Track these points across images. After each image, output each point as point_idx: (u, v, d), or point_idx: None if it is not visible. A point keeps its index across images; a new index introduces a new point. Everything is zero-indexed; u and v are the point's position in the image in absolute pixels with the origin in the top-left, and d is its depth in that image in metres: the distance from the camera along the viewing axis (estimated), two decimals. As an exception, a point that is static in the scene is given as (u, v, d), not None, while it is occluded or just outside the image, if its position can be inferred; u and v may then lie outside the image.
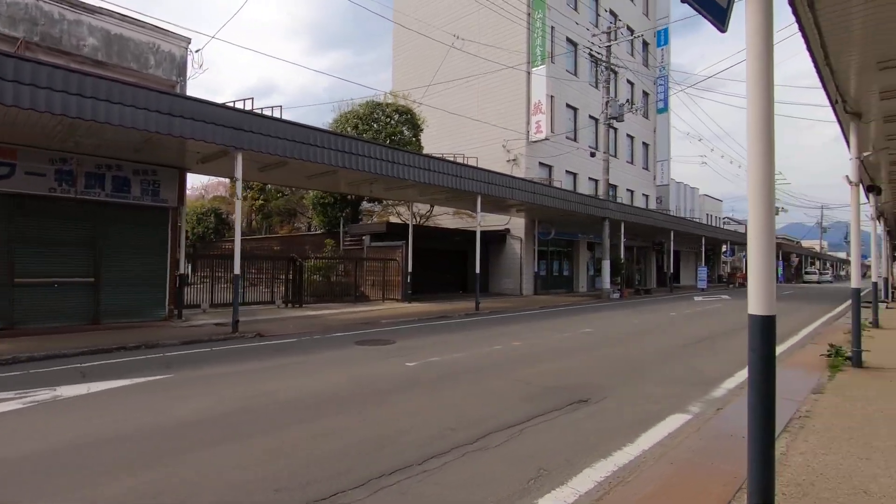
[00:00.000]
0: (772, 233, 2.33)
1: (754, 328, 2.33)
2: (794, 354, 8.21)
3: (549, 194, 18.90)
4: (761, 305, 2.30)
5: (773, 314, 2.36)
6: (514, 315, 14.37)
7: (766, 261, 2.27)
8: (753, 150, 2.40)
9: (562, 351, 8.13)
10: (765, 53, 2.41)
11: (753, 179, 2.38)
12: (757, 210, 2.35)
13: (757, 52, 2.40)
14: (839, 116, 7.21)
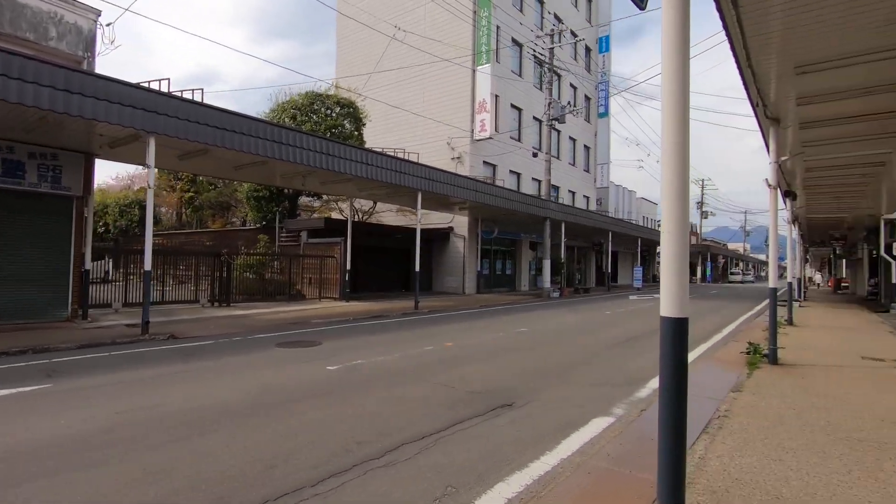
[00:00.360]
0: (685, 235, 2.13)
1: (666, 331, 2.12)
2: (717, 352, 8.43)
3: (492, 193, 18.86)
4: (674, 307, 2.08)
5: (686, 316, 2.15)
6: (453, 314, 14.14)
7: (679, 263, 2.06)
8: (668, 153, 2.19)
9: (493, 352, 7.93)
10: (681, 46, 2.20)
11: (668, 182, 2.17)
12: (671, 213, 2.15)
13: (672, 46, 2.18)
14: (760, 121, 7.44)
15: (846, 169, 10.66)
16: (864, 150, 9.05)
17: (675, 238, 2.07)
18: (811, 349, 8.60)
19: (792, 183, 12.35)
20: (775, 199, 7.18)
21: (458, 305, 16.92)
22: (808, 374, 6.56)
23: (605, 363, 7.17)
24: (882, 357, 7.95)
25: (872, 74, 5.73)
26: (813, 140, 8.41)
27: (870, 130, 7.79)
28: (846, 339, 10.09)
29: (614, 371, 6.63)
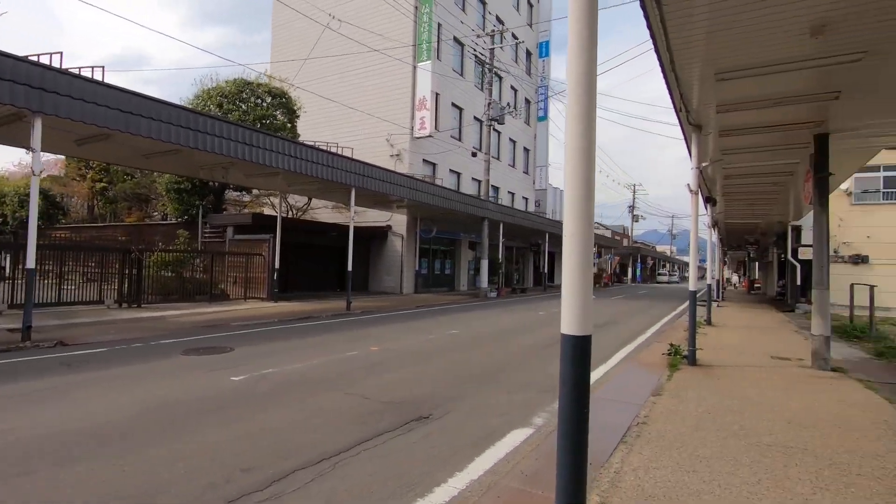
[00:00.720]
0: (589, 240, 1.87)
1: (567, 352, 1.85)
2: (641, 353, 8.57)
3: (431, 192, 18.57)
4: (576, 323, 1.82)
5: (589, 334, 1.89)
6: (386, 315, 13.71)
7: (582, 271, 1.80)
8: (572, 157, 1.92)
9: (421, 356, 7.61)
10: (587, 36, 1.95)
11: (571, 187, 1.91)
12: (574, 216, 1.88)
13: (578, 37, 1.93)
14: (683, 127, 7.59)
15: (761, 177, 11.27)
16: (776, 160, 9.55)
17: (579, 241, 1.81)
18: (727, 349, 8.94)
19: (713, 189, 12.95)
20: (696, 204, 7.35)
21: (394, 306, 16.49)
22: (724, 374, 6.74)
23: (533, 366, 7.04)
24: (788, 356, 8.38)
25: (785, 86, 5.92)
26: (732, 148, 8.74)
27: (781, 141, 8.17)
28: (758, 338, 10.65)
29: (542, 375, 6.50)
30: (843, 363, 7.89)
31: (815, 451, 3.88)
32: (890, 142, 8.20)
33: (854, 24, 4.50)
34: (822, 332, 7.40)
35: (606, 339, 10.16)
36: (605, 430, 4.38)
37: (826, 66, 5.21)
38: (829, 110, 6.74)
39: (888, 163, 19.03)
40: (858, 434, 4.31)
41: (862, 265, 18.95)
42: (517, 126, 34.68)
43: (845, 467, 3.58)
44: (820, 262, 7.58)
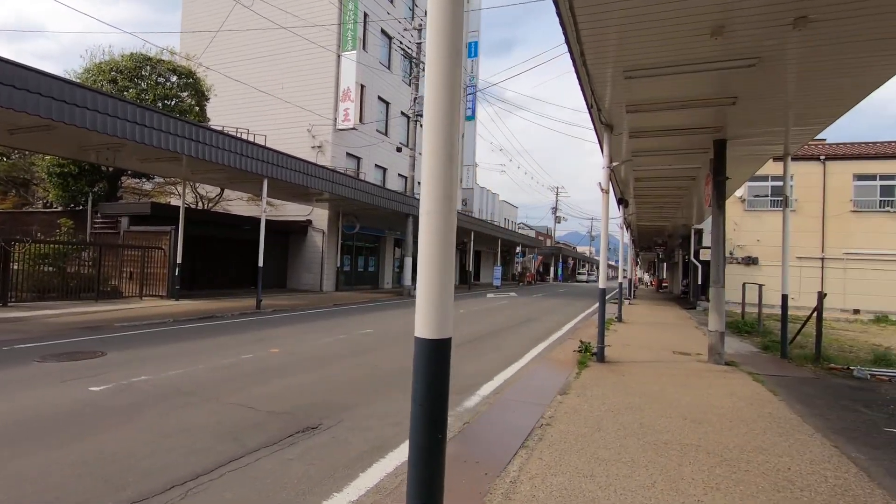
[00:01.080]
0: (451, 221, 1.53)
1: (420, 358, 1.51)
2: (554, 350, 8.59)
3: (353, 186, 17.86)
4: (432, 326, 1.48)
5: (449, 336, 1.56)
6: (299, 314, 12.92)
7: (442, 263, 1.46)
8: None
9: (325, 358, 7.07)
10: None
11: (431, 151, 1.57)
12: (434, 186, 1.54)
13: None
14: (596, 127, 7.66)
15: (668, 181, 11.82)
16: (681, 165, 10.00)
17: (437, 220, 1.46)
18: (634, 345, 9.22)
19: (626, 192, 13.47)
20: (607, 203, 7.45)
21: (310, 304, 15.66)
22: (629, 371, 6.84)
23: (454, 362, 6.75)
24: (688, 351, 8.77)
25: (689, 89, 6.07)
26: (641, 150, 9.01)
27: (686, 145, 8.52)
28: (662, 334, 11.15)
29: (452, 374, 6.22)
30: (735, 357, 8.36)
31: (708, 448, 3.88)
32: (776, 151, 8.81)
33: (747, 29, 4.61)
34: (718, 329, 7.78)
35: (522, 337, 10.15)
36: (508, 434, 4.16)
37: (725, 70, 5.36)
38: (727, 116, 7.05)
39: (775, 174, 20.96)
40: (746, 428, 4.42)
41: (753, 266, 20.75)
42: (445, 124, 34.60)
43: (735, 463, 3.59)
44: (717, 261, 7.96)
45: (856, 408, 5.41)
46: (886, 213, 19.63)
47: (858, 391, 6.26)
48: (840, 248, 20.04)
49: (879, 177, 19.91)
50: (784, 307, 8.76)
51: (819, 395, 5.88)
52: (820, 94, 6.10)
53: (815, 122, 7.24)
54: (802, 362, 8.12)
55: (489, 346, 8.65)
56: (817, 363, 8.03)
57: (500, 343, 9.15)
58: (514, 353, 8.04)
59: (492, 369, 6.68)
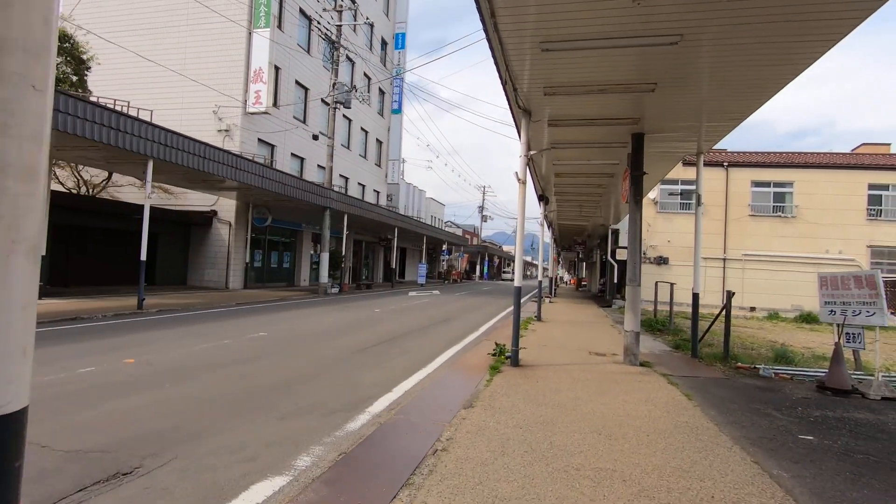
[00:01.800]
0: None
1: None
2: (467, 353, 7.96)
3: (259, 173, 16.29)
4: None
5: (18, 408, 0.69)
6: (187, 315, 11.37)
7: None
8: None
9: (188, 370, 5.89)
10: None
11: None
12: None
13: None
14: (513, 111, 7.09)
15: (587, 177, 11.65)
16: (600, 160, 9.77)
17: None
18: (551, 346, 8.83)
19: (546, 188, 13.22)
20: (524, 194, 6.91)
21: (208, 303, 13.99)
22: (544, 376, 6.32)
23: (335, 377, 5.84)
24: (604, 352, 8.50)
25: (609, 71, 5.63)
26: (562, 141, 8.61)
27: (605, 137, 8.22)
28: (580, 333, 10.94)
29: (340, 388, 5.33)
30: (649, 356, 8.19)
31: (624, 473, 3.32)
32: (690, 149, 8.78)
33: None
34: (633, 329, 7.51)
35: (436, 339, 9.45)
36: (393, 465, 3.37)
37: (646, 47, 4.92)
38: (645, 108, 6.75)
39: (685, 177, 22.00)
40: (664, 443, 3.95)
41: (663, 266, 21.63)
42: (370, 116, 33.38)
43: (654, 493, 3.04)
44: (633, 259, 7.70)
45: (767, 411, 5.20)
46: (778, 217, 21.22)
47: (767, 392, 6.16)
48: (739, 249, 21.41)
49: (773, 184, 21.51)
50: (695, 306, 8.74)
51: (731, 398, 5.66)
52: (736, 86, 5.90)
53: (727, 118, 7.15)
54: (712, 361, 8.09)
55: (397, 351, 7.83)
56: (726, 362, 8.03)
57: (410, 346, 8.37)
58: (424, 358, 7.29)
59: (393, 378, 5.87)
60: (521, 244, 6.90)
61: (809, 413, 5.22)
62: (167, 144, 12.33)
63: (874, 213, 20.74)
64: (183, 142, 12.86)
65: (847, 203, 20.83)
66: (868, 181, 20.78)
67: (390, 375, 6.04)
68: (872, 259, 20.52)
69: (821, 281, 7.19)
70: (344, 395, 5.00)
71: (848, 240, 20.67)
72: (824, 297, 7.10)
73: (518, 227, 6.84)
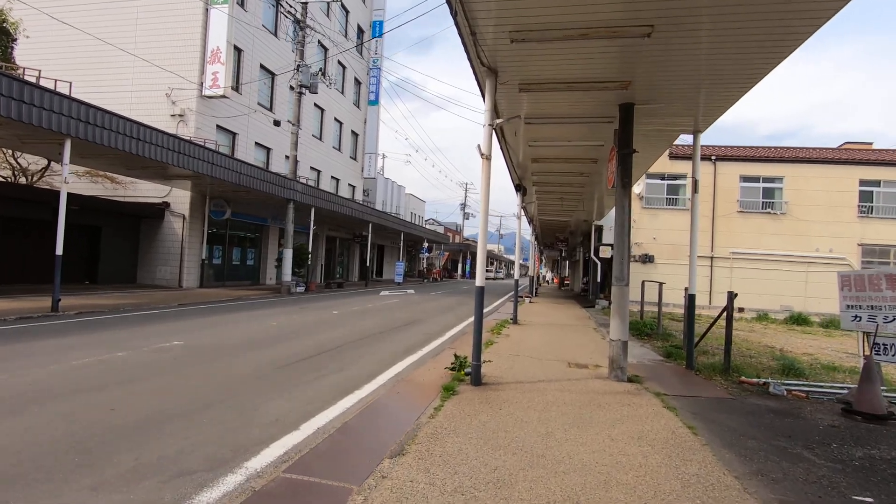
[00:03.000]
0: None
1: None
2: (424, 365, 6.61)
3: (208, 160, 14.71)
4: None
5: None
6: (107, 319, 9.80)
7: None
8: None
9: (15, 401, 4.41)
10: None
11: None
12: None
13: None
14: (476, 70, 5.75)
15: (569, 164, 10.39)
16: (582, 141, 8.51)
17: None
18: (525, 355, 7.54)
19: (523, 177, 11.94)
20: (488, 173, 5.59)
21: (145, 304, 12.40)
22: (510, 399, 5.01)
23: (228, 408, 4.42)
24: (586, 362, 7.25)
25: (593, 5, 4.33)
26: (537, 115, 7.32)
27: (588, 108, 6.94)
28: (559, 338, 9.68)
29: (225, 427, 3.91)
30: (638, 368, 6.96)
31: None
32: (684, 126, 7.56)
33: None
34: (620, 337, 6.25)
35: (391, 347, 8.09)
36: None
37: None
38: (637, 67, 5.49)
39: (671, 172, 20.97)
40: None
41: (649, 264, 20.57)
42: (345, 106, 31.80)
43: None
44: (621, 254, 6.44)
45: (796, 450, 3.97)
46: (767, 214, 20.31)
47: (785, 418, 4.94)
48: (727, 247, 20.45)
49: (762, 179, 20.59)
50: (690, 309, 7.55)
51: (746, 430, 4.42)
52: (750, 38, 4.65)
53: (730, 85, 5.92)
54: (711, 374, 6.88)
55: (335, 365, 6.45)
56: (727, 375, 6.83)
57: (353, 358, 7.00)
58: (364, 375, 5.93)
59: (310, 407, 4.50)
60: (485, 233, 5.58)
61: (850, 453, 4.00)
62: (90, 122, 10.73)
63: (865, 210, 19.96)
64: (110, 120, 11.26)
65: (838, 199, 20.01)
66: (859, 177, 19.98)
67: (308, 402, 4.66)
68: (863, 258, 19.73)
69: (842, 281, 6.02)
70: (224, 439, 3.60)
71: (839, 238, 19.84)
72: (847, 299, 5.93)
73: (482, 211, 5.51)
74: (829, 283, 20.91)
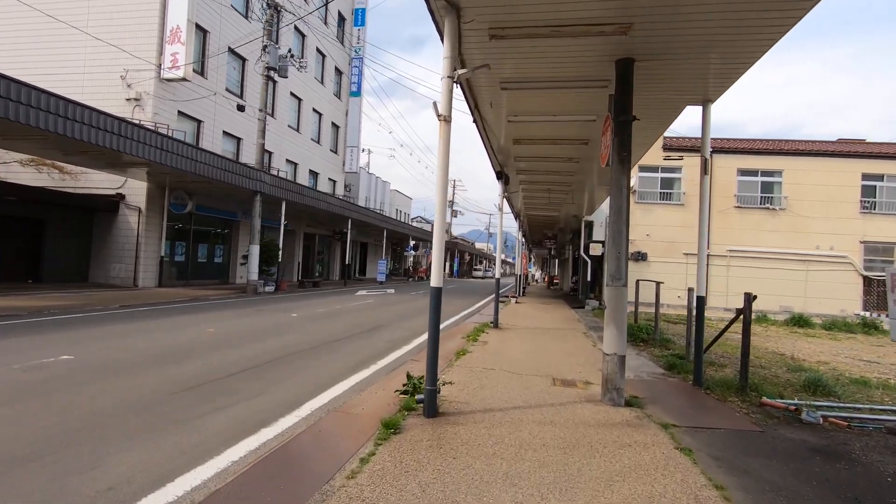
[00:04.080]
0: None
1: None
2: (367, 390, 5.29)
3: (159, 145, 13.24)
4: None
5: None
6: (15, 324, 8.35)
7: None
8: None
9: None
10: None
11: None
12: None
13: None
14: (431, 6, 4.44)
15: (556, 146, 9.11)
16: (571, 112, 7.23)
17: None
18: (500, 369, 6.24)
19: (505, 163, 10.65)
20: (447, 139, 4.28)
21: (80, 305, 10.92)
22: (470, 440, 3.72)
23: (65, 458, 3.08)
24: (574, 378, 5.98)
25: None
26: (514, 78, 6.02)
27: (578, 70, 5.66)
28: (544, 346, 8.41)
29: (33, 499, 2.59)
30: (636, 385, 5.71)
31: None
32: (692, 94, 6.32)
33: None
34: (616, 351, 4.98)
35: (339, 360, 6.75)
36: None
37: None
38: (638, 3, 4.21)
39: (665, 165, 19.84)
40: None
41: (642, 262, 19.41)
42: (325, 97, 30.31)
43: None
44: (617, 247, 5.16)
45: (876, 529, 2.71)
46: (766, 209, 19.25)
47: (837, 462, 3.71)
48: (723, 244, 19.35)
49: (761, 172, 19.52)
50: (699, 315, 6.33)
51: (796, 490, 3.16)
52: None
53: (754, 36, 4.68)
54: (724, 394, 5.66)
55: (255, 386, 5.10)
56: (744, 395, 5.61)
57: (285, 375, 5.66)
58: (287, 401, 4.60)
59: (177, 462, 3.16)
60: (443, 212, 4.26)
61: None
62: (4, 96, 9.25)
63: (868, 206, 18.96)
64: (30, 94, 9.78)
65: (839, 194, 18.99)
66: (861, 171, 18.98)
67: (182, 452, 3.32)
68: (866, 256, 18.75)
69: (893, 280, 4.81)
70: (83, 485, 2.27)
71: (840, 234, 18.83)
72: (900, 303, 4.72)
73: (438, 188, 4.18)
74: (830, 282, 19.97)
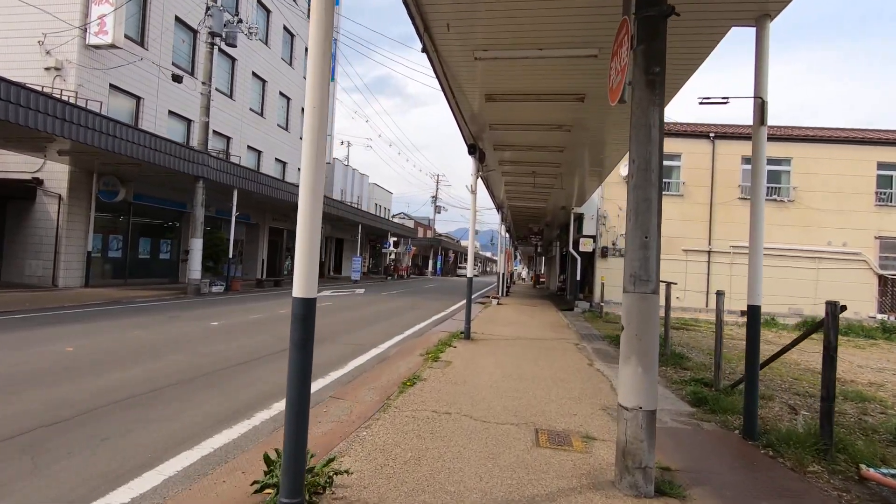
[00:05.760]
0: None
1: None
2: (226, 465, 3.16)
3: (66, 117, 10.89)
4: None
5: None
6: None
7: None
8: None
9: None
10: None
11: None
12: None
13: None
14: None
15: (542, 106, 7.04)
16: (563, 44, 5.15)
17: None
18: (458, 414, 4.12)
19: (478, 133, 8.56)
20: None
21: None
22: None
23: None
24: (567, 429, 3.88)
25: None
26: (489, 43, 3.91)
27: None
28: (523, 369, 6.32)
29: None
30: (660, 439, 3.63)
31: None
32: (745, 9, 4.29)
33: None
34: (643, 404, 2.91)
35: (224, 399, 4.58)
36: None
37: None
38: None
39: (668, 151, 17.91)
40: None
41: (637, 259, 17.47)
42: (293, 80, 27.91)
43: None
44: (644, 226, 3.08)
45: None
46: (773, 201, 17.44)
47: None
48: (726, 240, 17.52)
49: (767, 161, 17.69)
50: (753, 334, 4.33)
51: None
52: None
53: None
54: (799, 457, 3.63)
55: (26, 468, 2.92)
56: (828, 459, 3.60)
57: (92, 440, 3.49)
58: (129, 465, 2.44)
59: None
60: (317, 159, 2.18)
61: None
62: None
63: (884, 198, 17.27)
64: None
65: (852, 185, 17.26)
66: (877, 159, 17.28)
67: None
68: (882, 252, 17.06)
69: None
70: None
71: (853, 229, 17.11)
72: None
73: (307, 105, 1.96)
74: (843, 282, 18.03)
